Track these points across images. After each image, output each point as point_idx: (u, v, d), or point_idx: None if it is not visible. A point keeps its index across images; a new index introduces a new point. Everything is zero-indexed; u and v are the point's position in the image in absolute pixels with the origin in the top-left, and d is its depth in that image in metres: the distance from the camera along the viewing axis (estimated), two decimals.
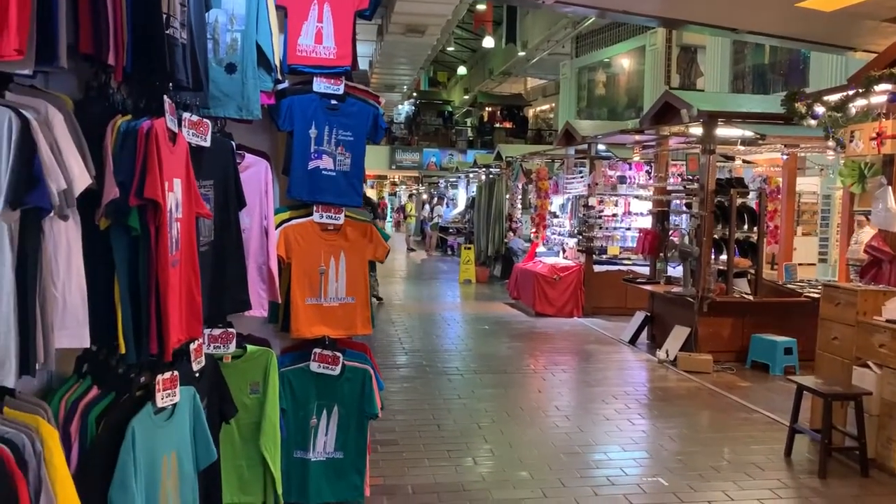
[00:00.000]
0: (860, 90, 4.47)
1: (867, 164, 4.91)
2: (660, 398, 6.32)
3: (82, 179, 1.86)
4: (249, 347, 3.18)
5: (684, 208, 8.31)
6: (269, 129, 3.45)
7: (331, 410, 3.53)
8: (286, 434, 3.37)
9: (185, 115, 2.44)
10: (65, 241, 1.91)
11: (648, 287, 8.53)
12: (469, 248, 15.07)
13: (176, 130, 2.28)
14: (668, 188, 8.72)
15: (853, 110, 4.59)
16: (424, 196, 29.70)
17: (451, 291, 13.51)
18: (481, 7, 21.74)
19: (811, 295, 7.35)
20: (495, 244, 14.67)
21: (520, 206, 14.27)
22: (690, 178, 7.97)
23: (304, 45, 3.38)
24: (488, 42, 23.80)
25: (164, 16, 2.15)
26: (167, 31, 2.16)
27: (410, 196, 33.46)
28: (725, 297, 7.54)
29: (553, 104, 29.27)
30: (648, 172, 10.43)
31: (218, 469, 2.75)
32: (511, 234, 14.03)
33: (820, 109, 4.87)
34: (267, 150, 3.37)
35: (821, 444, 4.57)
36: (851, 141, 4.66)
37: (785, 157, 8.20)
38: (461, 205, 23.65)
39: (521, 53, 23.64)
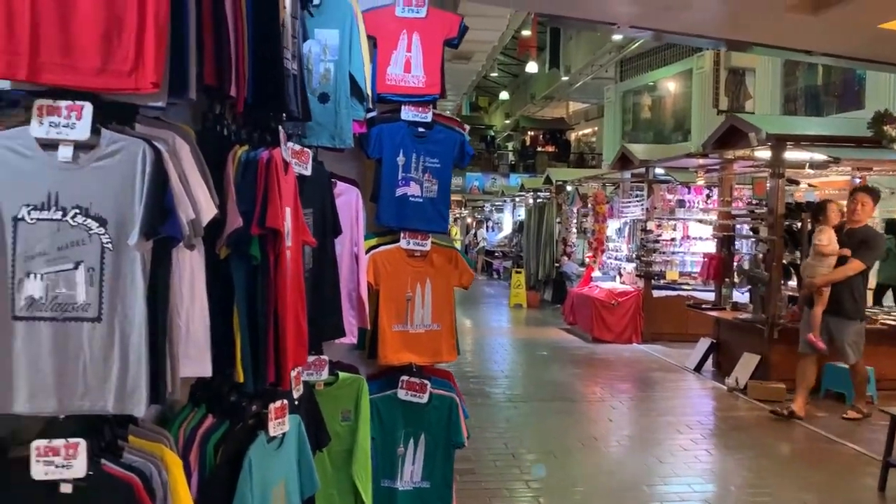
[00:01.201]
0: None
1: None
2: (734, 428, 6.15)
3: (209, 209, 1.87)
4: (341, 374, 3.16)
5: (750, 232, 8.15)
6: (356, 157, 3.47)
7: (418, 439, 3.49)
8: (375, 462, 3.35)
9: (290, 144, 2.47)
10: (189, 271, 1.92)
11: (714, 313, 8.35)
12: (520, 273, 14.98)
13: (288, 160, 2.30)
14: (733, 212, 8.57)
15: None
16: (469, 220, 29.68)
17: (502, 316, 13.43)
18: (526, 33, 21.85)
19: (888, 322, 7.11)
20: (546, 268, 14.57)
21: (575, 230, 14.17)
22: (757, 202, 7.82)
23: (393, 73, 3.41)
24: (532, 67, 23.84)
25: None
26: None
27: (455, 220, 33.50)
28: (797, 323, 7.31)
29: (596, 128, 29.16)
30: (708, 196, 10.28)
31: (314, 499, 2.74)
32: (565, 258, 13.92)
33: None
34: (354, 177, 3.39)
35: None
36: None
37: (857, 180, 8.01)
38: (506, 228, 23.59)
39: (565, 78, 23.63)
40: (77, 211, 1.64)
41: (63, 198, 1.64)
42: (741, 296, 8.62)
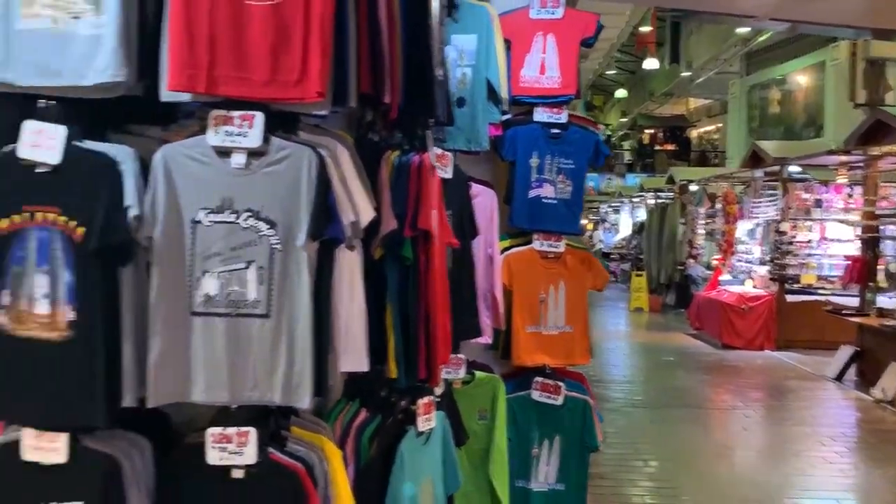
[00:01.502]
0: None
1: None
2: (884, 440, 5.75)
3: (367, 212, 1.94)
4: (478, 374, 3.20)
5: None
6: (490, 159, 3.50)
7: (552, 440, 3.48)
8: (510, 462, 3.36)
9: (434, 148, 2.52)
10: (349, 271, 2.00)
11: (858, 319, 7.84)
12: (640, 276, 14.59)
13: (435, 164, 2.35)
14: (878, 212, 8.02)
15: None
16: (584, 221, 29.15)
17: (622, 320, 13.16)
18: (645, 29, 21.27)
19: None
20: (668, 271, 14.13)
21: (702, 231, 13.64)
22: None
23: (528, 76, 3.41)
24: (651, 63, 23.11)
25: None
26: None
27: None
28: None
29: (719, 125, 27.95)
30: (850, 195, 9.67)
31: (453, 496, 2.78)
32: (691, 260, 13.42)
33: None
34: (489, 179, 3.43)
35: None
36: None
37: None
38: (623, 230, 23.02)
39: (686, 74, 22.79)
40: (249, 214, 1.74)
41: (236, 201, 1.74)
42: (888, 301, 8.06)
